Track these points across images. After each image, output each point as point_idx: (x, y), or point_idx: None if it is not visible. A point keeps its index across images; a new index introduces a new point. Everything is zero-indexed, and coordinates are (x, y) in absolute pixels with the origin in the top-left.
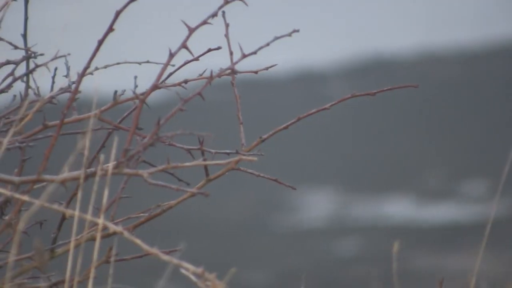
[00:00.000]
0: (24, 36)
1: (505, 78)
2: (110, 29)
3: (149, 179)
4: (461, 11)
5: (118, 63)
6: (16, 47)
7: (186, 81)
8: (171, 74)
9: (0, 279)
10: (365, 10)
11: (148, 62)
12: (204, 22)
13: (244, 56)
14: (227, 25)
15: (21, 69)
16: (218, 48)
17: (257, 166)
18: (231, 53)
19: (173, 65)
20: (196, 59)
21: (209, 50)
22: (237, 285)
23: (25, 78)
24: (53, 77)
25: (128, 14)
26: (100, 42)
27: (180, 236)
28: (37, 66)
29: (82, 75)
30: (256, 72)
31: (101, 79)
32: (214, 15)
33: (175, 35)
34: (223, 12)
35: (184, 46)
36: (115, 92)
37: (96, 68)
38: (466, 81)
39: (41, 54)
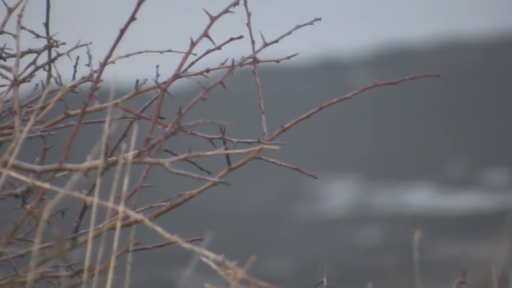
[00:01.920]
0: (46, 25)
1: None
2: (132, 18)
3: (170, 168)
4: None
5: (140, 52)
6: (38, 36)
7: (208, 70)
8: (193, 63)
9: (23, 268)
10: None
11: (170, 51)
12: (226, 11)
13: (266, 44)
14: (249, 14)
15: (43, 58)
16: (240, 37)
17: (279, 155)
18: (253, 42)
19: (195, 54)
20: (218, 48)
21: (231, 39)
22: (259, 274)
23: (47, 67)
24: (75, 66)
25: (150, 3)
26: (122, 31)
27: (202, 225)
28: (59, 55)
29: (104, 64)
30: (277, 61)
31: (122, 68)
32: (235, 3)
33: (196, 24)
34: (245, 1)
35: (205, 35)
36: (137, 81)
37: (118, 57)
38: (488, 69)
39: (63, 43)
